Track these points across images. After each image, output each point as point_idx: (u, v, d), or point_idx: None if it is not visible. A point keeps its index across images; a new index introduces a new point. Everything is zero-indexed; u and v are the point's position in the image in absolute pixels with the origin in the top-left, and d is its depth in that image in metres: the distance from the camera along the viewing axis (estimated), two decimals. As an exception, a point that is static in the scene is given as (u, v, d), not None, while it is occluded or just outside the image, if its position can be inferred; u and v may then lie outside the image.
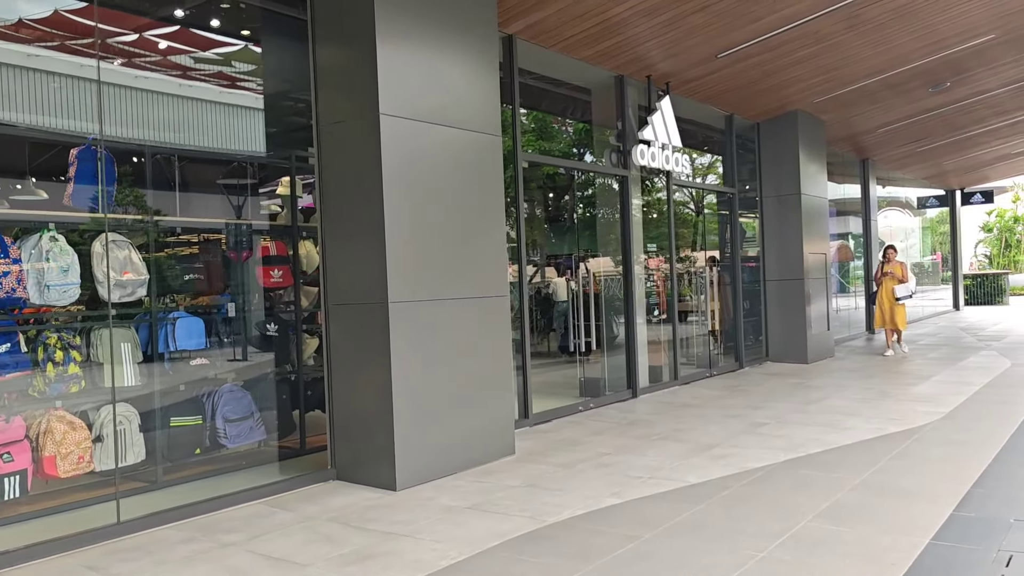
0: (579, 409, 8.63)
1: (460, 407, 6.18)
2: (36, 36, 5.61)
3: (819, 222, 13.06)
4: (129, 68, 6.03)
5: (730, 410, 8.50)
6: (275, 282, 6.70)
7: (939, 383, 9.92)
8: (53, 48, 5.70)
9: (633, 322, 9.54)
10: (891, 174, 20.13)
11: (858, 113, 13.48)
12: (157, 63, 6.26)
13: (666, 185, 10.37)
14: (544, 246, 14.64)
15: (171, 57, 6.29)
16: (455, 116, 6.25)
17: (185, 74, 6.58)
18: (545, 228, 14.59)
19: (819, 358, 12.75)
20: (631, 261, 9.52)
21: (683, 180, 11.03)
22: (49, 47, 5.69)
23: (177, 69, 6.43)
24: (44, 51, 5.69)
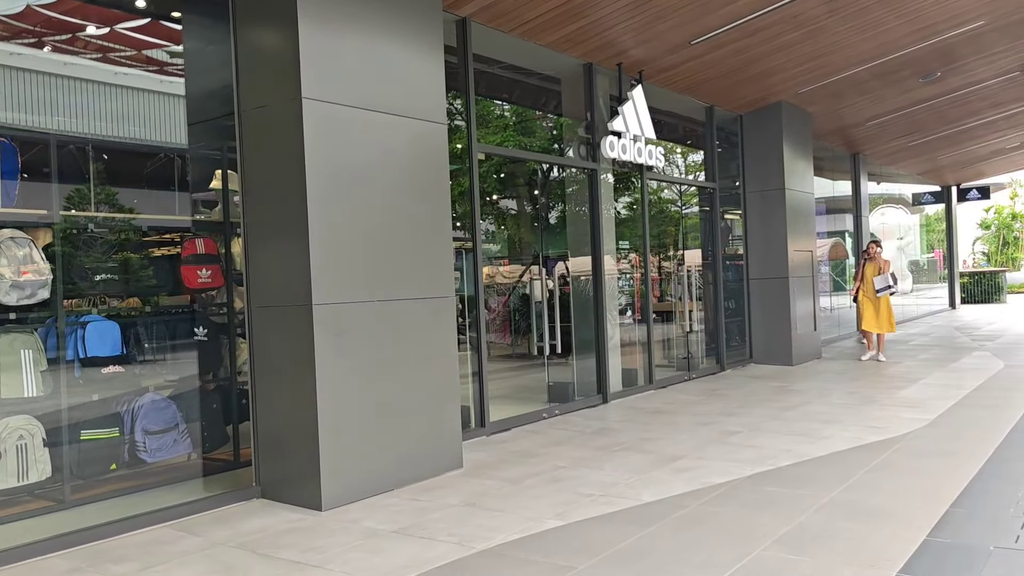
0: (543, 416, 8.14)
1: (399, 418, 5.69)
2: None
3: (805, 219, 12.56)
4: (31, 48, 5.54)
5: (703, 417, 8.01)
6: (203, 283, 6.19)
7: (927, 386, 9.43)
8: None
9: (603, 324, 9.04)
10: (884, 170, 19.65)
11: (846, 105, 12.98)
12: (66, 43, 5.77)
13: (640, 179, 9.86)
14: (530, 244, 14.19)
15: (81, 36, 5.80)
16: (394, 102, 5.76)
17: (104, 57, 6.09)
18: (535, 226, 14.15)
19: (805, 360, 12.25)
20: (600, 259, 9.02)
21: (659, 174, 10.52)
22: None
23: (91, 51, 5.94)
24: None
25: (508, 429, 7.64)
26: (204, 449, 6.12)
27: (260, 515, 5.14)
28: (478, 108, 10.75)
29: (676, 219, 12.38)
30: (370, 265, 5.55)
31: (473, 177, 7.30)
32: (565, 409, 8.47)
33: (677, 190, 12.23)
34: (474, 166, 7.31)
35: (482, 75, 8.73)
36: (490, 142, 11.23)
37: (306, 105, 5.14)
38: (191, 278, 6.15)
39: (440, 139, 6.15)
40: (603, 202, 9.14)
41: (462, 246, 8.87)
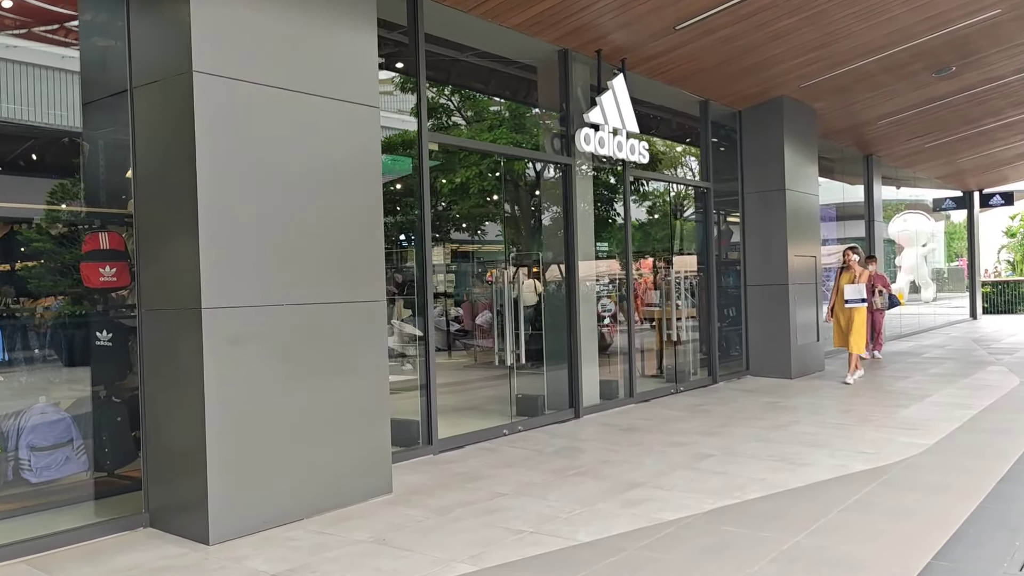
0: (504, 433, 7.45)
1: (311, 438, 5.03)
2: None
3: (808, 222, 11.78)
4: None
5: (678, 436, 7.28)
6: (107, 281, 5.56)
7: (933, 405, 8.63)
8: None
9: (576, 332, 8.34)
10: (900, 173, 18.76)
11: (855, 101, 12.19)
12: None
13: (622, 176, 9.15)
14: (521, 246, 13.55)
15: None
16: (313, 81, 5.11)
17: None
18: (526, 227, 13.51)
19: (805, 372, 11.47)
20: (574, 261, 8.32)
21: (645, 172, 9.81)
22: None
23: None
24: None
25: (461, 447, 6.96)
26: (106, 467, 5.49)
27: (139, 549, 4.49)
28: (459, 100, 10.17)
29: (670, 221, 11.66)
30: (279, 265, 4.90)
31: (423, 169, 6.63)
32: (530, 425, 7.78)
33: (673, 190, 11.51)
34: (424, 157, 6.65)
35: (448, 62, 8.09)
36: (483, 139, 10.59)
37: (198, 80, 4.50)
38: (92, 276, 5.53)
39: (371, 124, 5.49)
40: (578, 200, 8.43)
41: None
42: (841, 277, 10.92)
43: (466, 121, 12.53)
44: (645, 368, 11.08)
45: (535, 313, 8.86)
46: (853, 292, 10.58)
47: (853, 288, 10.60)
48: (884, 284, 12.80)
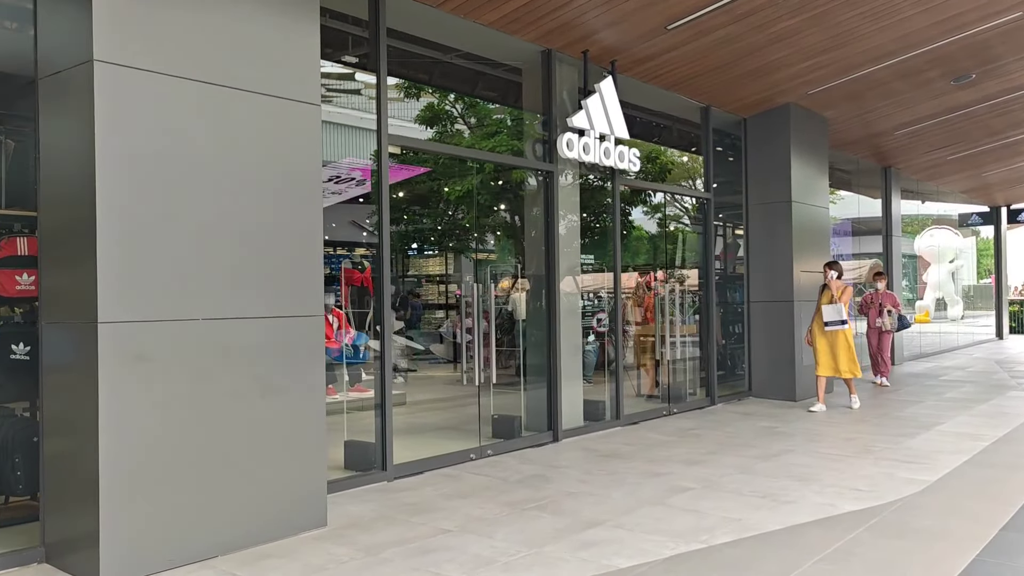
0: (471, 457, 6.95)
1: (229, 468, 4.56)
2: None
3: (816, 236, 11.18)
4: None
5: (659, 465, 6.74)
6: (24, 290, 5.15)
7: (942, 434, 8.01)
8: None
9: (556, 349, 7.82)
10: (922, 186, 18.05)
11: (869, 110, 11.59)
12: None
13: (611, 186, 8.63)
14: (515, 257, 13.12)
15: None
16: (238, 74, 4.66)
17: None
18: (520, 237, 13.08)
19: (811, 395, 10.82)
20: (554, 273, 7.82)
21: (636, 181, 9.30)
22: None
23: None
24: None
25: (421, 472, 6.47)
26: (16, 492, 5.06)
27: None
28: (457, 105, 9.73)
29: (665, 233, 11.14)
30: (194, 275, 4.44)
31: (382, 174, 6.17)
32: (502, 449, 7.27)
33: (677, 202, 10.99)
34: (383, 160, 6.18)
35: (429, 63, 7.66)
36: (483, 147, 10.15)
37: (99, 70, 4.06)
38: (8, 285, 5.11)
39: (310, 124, 5.04)
40: (561, 209, 7.94)
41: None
42: (822, 296, 9.86)
43: (469, 127, 12.13)
44: (642, 387, 10.57)
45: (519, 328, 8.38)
46: (832, 313, 9.59)
47: (832, 308, 9.59)
48: (893, 303, 12.13)
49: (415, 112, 11.73)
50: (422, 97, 11.35)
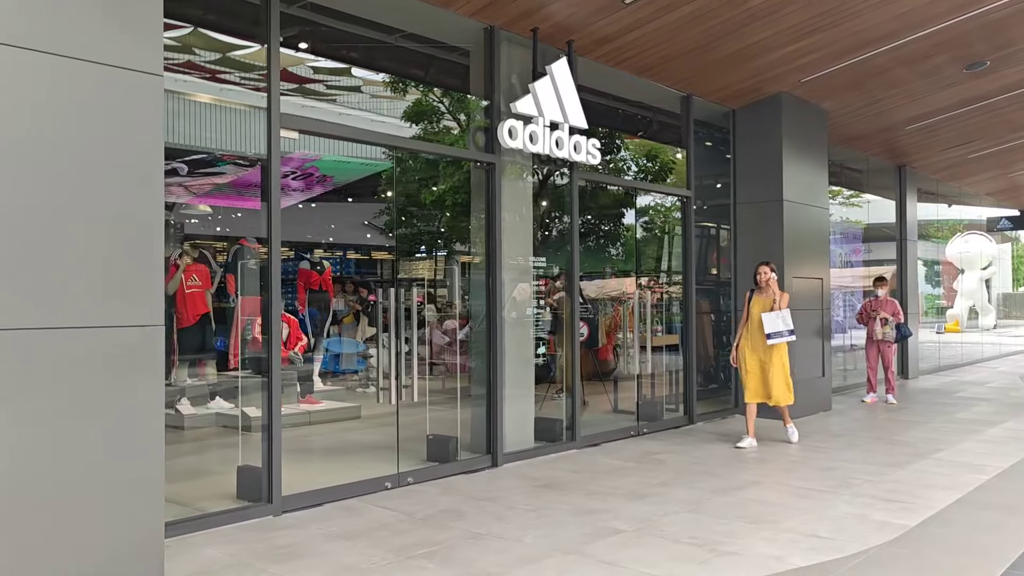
0: (385, 486, 6.11)
1: (25, 512, 3.76)
2: None
3: (813, 239, 10.21)
4: None
5: (598, 499, 5.85)
6: None
7: (939, 464, 7.04)
8: None
9: (497, 362, 6.97)
10: (943, 187, 16.89)
11: (874, 101, 10.58)
12: None
13: (569, 180, 7.76)
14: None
15: None
16: (50, 34, 3.87)
17: None
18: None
19: (806, 412, 9.87)
20: (496, 276, 6.97)
21: (604, 176, 8.41)
22: None
23: None
24: None
25: (319, 504, 5.65)
26: None
27: None
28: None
29: (634, 235, 10.25)
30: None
31: (272, 160, 5.37)
32: (426, 476, 6.43)
33: (651, 201, 10.09)
34: (274, 146, 5.38)
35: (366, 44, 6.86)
36: (447, 141, 9.33)
37: None
38: None
39: (150, 98, 4.24)
40: (507, 206, 7.09)
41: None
42: (753, 303, 8.04)
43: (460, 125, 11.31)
44: (619, 402, 9.69)
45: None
46: (775, 322, 7.72)
47: (774, 317, 7.74)
48: (894, 312, 11.07)
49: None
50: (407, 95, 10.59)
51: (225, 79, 6.63)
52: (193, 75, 6.56)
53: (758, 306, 7.95)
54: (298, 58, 6.89)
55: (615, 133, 10.36)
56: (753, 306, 8.01)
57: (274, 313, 5.40)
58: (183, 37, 6.22)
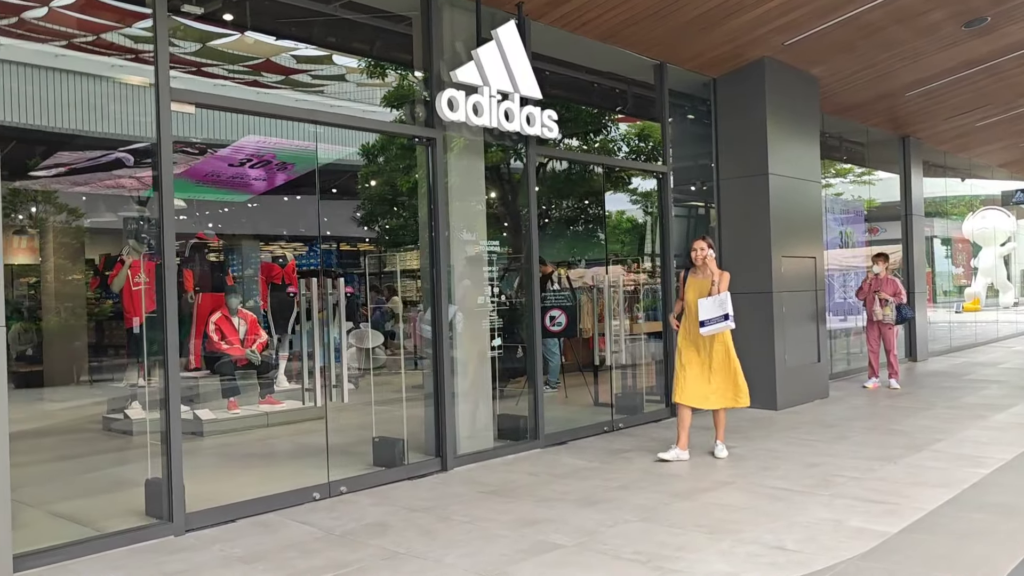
0: (314, 497, 5.54)
1: None
2: None
3: (803, 215, 9.52)
4: None
5: (545, 507, 5.25)
6: None
7: (936, 456, 6.38)
8: None
9: (442, 357, 6.37)
10: (951, 159, 16.08)
11: (868, 65, 9.86)
12: None
13: (526, 156, 7.13)
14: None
15: None
16: None
17: None
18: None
19: (799, 401, 9.21)
20: (438, 265, 6.36)
21: (557, 150, 7.78)
22: None
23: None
24: None
25: (233, 520, 5.09)
26: None
27: None
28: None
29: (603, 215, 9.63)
30: None
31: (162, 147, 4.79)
32: (364, 484, 5.85)
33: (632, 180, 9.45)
34: (163, 122, 4.80)
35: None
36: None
37: None
38: None
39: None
40: (454, 185, 6.49)
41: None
42: (688, 286, 6.66)
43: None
44: (602, 394, 9.09)
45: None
46: (711, 308, 6.33)
47: (711, 303, 6.35)
48: (894, 292, 10.34)
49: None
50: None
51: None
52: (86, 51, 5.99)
53: (694, 289, 6.57)
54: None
55: (585, 108, 9.74)
56: (688, 289, 6.64)
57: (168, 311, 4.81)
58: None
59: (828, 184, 13.48)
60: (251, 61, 7.43)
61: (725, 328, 6.38)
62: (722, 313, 6.32)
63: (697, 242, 6.65)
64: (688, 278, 6.72)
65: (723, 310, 6.33)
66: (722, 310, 6.33)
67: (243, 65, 7.87)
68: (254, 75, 7.89)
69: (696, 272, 6.67)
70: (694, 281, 6.64)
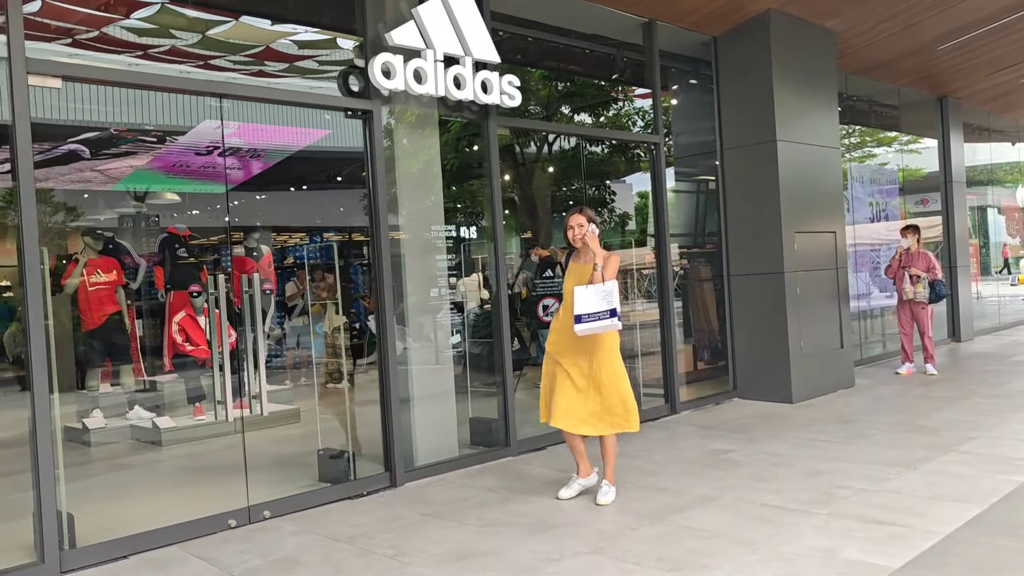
0: (229, 525, 4.85)
1: None
2: None
3: (820, 185, 8.56)
4: None
5: (490, 534, 4.49)
6: None
7: (964, 459, 5.47)
8: None
9: (387, 356, 5.62)
10: (995, 121, 14.80)
11: (892, 15, 8.82)
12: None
13: (486, 128, 6.32)
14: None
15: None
16: None
17: None
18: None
19: (818, 392, 8.29)
20: (381, 252, 5.61)
21: (522, 120, 6.97)
22: None
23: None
24: None
25: (126, 556, 4.42)
26: None
27: None
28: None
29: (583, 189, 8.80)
30: None
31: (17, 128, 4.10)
32: (291, 507, 5.13)
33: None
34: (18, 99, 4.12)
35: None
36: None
37: None
38: None
39: None
40: (400, 163, 5.74)
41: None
42: (568, 273, 5.12)
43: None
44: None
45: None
46: (591, 301, 4.76)
47: (592, 294, 4.77)
48: (927, 267, 9.31)
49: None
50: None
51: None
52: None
53: (574, 277, 4.99)
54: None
55: (569, 76, 8.90)
56: (568, 277, 5.08)
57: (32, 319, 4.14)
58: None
59: (871, 154, 12.46)
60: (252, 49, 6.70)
61: (609, 328, 4.77)
62: (607, 308, 4.72)
63: (573, 216, 5.01)
64: (569, 263, 5.16)
65: (608, 304, 4.73)
66: (607, 304, 4.73)
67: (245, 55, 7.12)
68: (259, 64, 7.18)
69: (577, 256, 5.11)
70: (575, 267, 5.05)
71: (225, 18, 5.76)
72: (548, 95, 10.90)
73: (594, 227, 5.00)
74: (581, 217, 4.99)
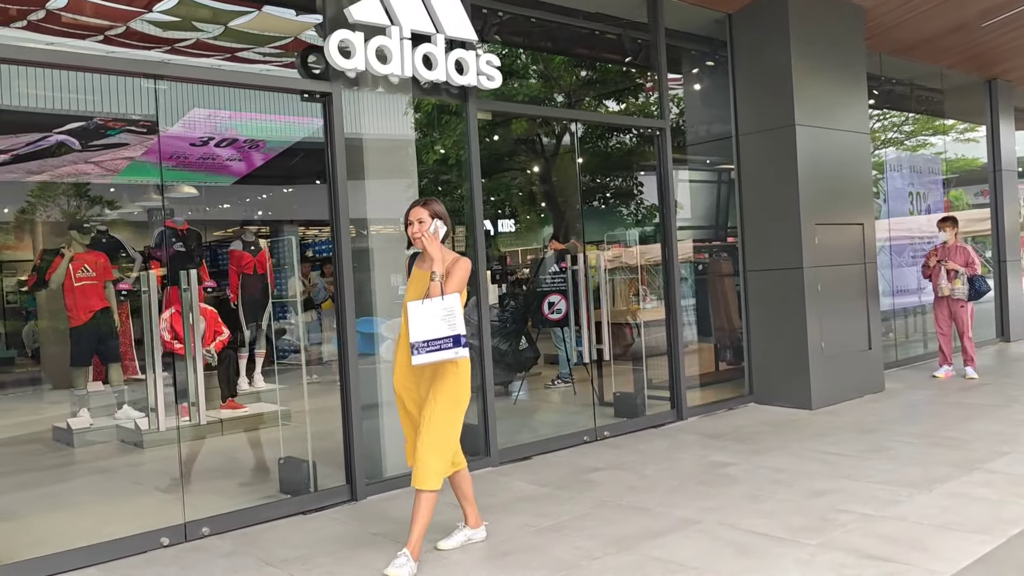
0: (161, 543, 4.48)
1: None
2: None
3: (844, 173, 7.90)
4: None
5: (438, 563, 4.04)
6: None
7: (987, 481, 4.86)
8: None
9: (347, 359, 5.20)
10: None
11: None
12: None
13: (465, 112, 5.85)
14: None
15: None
16: None
17: None
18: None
19: (842, 397, 7.66)
20: (341, 246, 5.18)
21: (503, 103, 6.48)
22: None
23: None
24: None
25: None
26: None
27: None
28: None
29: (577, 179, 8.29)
30: None
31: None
32: (236, 523, 4.74)
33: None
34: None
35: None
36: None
37: None
38: None
39: None
40: (368, 151, 5.31)
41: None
42: (410, 280, 4.08)
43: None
44: (606, 392, 7.79)
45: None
46: (428, 322, 3.69)
47: (428, 313, 3.70)
48: (966, 262, 8.57)
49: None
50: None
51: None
52: None
53: (414, 288, 3.97)
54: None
55: (575, 58, 8.39)
56: (409, 286, 4.07)
57: None
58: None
59: (927, 143, 11.72)
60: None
61: (451, 358, 3.72)
62: (448, 334, 3.67)
63: (414, 210, 3.97)
64: (413, 269, 4.11)
65: (449, 328, 3.67)
66: (448, 328, 3.67)
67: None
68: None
69: (421, 260, 4.05)
70: (418, 274, 4.00)
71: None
72: (570, 82, 10.42)
73: (439, 224, 3.96)
74: (423, 211, 3.94)
